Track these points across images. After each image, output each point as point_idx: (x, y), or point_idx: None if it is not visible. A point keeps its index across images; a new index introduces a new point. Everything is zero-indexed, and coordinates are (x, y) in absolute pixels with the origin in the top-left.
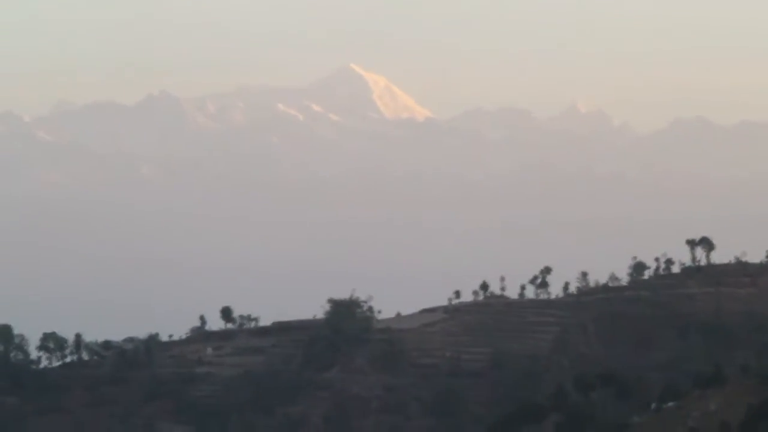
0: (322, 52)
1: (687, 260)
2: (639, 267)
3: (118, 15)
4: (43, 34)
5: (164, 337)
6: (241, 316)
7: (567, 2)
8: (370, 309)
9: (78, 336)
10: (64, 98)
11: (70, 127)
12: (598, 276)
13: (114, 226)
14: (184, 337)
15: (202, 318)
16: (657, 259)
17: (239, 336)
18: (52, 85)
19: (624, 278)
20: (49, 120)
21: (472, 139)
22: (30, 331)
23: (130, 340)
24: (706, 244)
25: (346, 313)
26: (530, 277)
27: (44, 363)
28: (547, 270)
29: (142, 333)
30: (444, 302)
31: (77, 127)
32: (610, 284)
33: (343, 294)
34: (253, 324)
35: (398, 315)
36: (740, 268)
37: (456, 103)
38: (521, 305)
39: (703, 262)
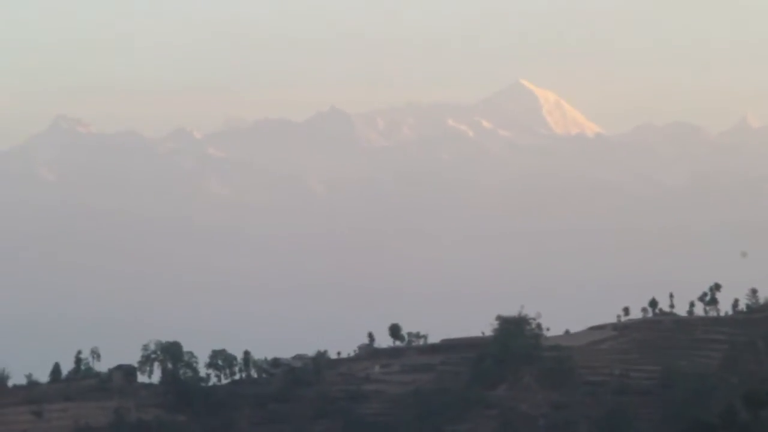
0: (492, 67)
1: None
2: None
3: (287, 32)
4: (214, 51)
5: (333, 355)
6: (410, 334)
7: (738, 18)
8: (539, 326)
9: (247, 353)
10: (235, 115)
11: (240, 143)
12: None
13: (283, 243)
14: (352, 354)
15: (370, 335)
16: None
17: (408, 353)
18: (223, 101)
19: None
20: (220, 136)
21: (643, 154)
22: (199, 348)
23: (299, 357)
24: None
25: (515, 331)
26: (699, 293)
27: (213, 380)
28: (716, 286)
29: (310, 350)
30: (613, 319)
31: (247, 144)
32: None
33: (511, 311)
34: (421, 341)
35: (567, 332)
36: None
37: (626, 118)
38: (690, 322)
39: None
